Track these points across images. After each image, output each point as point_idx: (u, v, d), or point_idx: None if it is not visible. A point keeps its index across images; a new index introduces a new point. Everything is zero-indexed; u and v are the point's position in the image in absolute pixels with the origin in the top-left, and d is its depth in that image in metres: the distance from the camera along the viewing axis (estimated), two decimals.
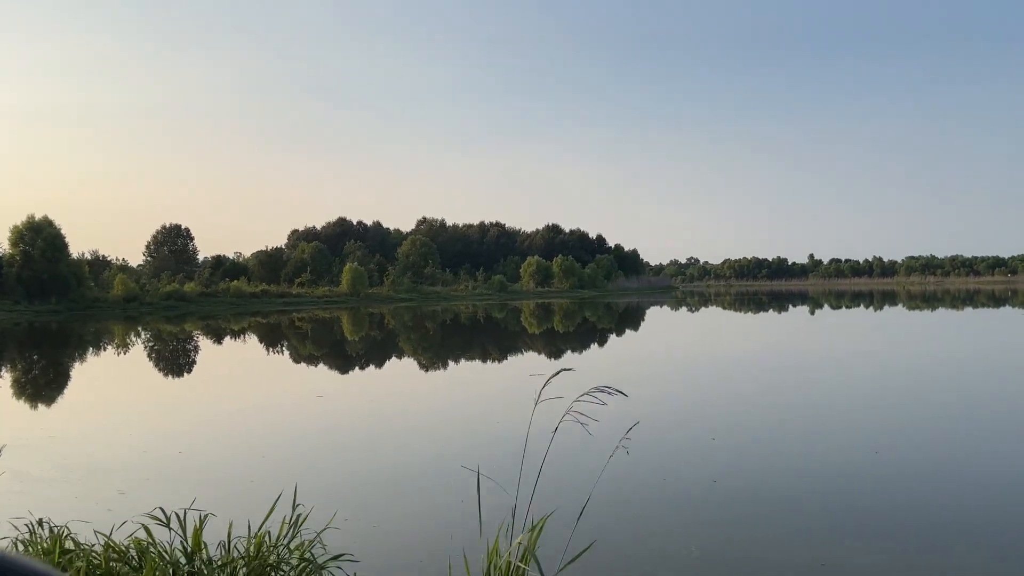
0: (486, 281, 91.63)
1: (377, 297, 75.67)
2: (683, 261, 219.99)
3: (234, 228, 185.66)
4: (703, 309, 56.96)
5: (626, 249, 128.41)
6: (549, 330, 35.04)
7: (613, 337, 31.90)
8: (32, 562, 0.72)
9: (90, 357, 25.49)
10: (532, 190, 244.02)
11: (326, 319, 46.21)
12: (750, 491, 7.46)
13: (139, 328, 40.30)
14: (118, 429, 11.91)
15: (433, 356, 23.97)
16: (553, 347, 26.11)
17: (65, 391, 17.46)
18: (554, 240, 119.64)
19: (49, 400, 15.73)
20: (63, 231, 59.37)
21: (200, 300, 63.96)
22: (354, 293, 74.02)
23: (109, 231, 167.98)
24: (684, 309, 57.48)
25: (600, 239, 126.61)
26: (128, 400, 15.87)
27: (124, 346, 29.68)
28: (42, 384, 18.44)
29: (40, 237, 58.04)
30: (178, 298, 62.93)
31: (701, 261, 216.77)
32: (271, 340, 32.11)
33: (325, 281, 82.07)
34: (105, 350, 28.17)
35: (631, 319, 44.71)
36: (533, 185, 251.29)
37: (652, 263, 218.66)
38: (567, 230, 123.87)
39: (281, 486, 5.21)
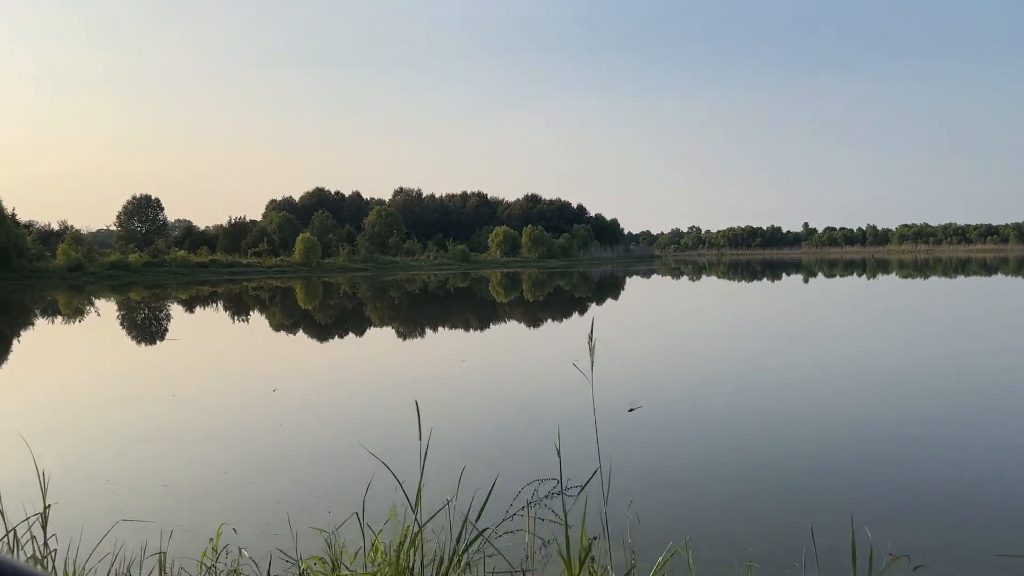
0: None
1: (331, 267, 75.83)
2: (684, 229, 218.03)
3: (216, 199, 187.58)
4: (678, 280, 55.42)
5: (607, 219, 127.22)
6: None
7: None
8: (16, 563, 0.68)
9: None
10: (521, 159, 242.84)
11: (276, 288, 46.50)
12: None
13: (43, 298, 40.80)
14: None
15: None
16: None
17: None
18: (532, 210, 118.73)
19: None
20: (6, 202, 60.82)
21: (144, 270, 64.58)
22: (306, 263, 74.24)
23: (92, 202, 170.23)
24: (638, 278, 56.87)
25: (581, 208, 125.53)
26: None
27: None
28: None
29: None
30: (121, 267, 63.64)
31: (703, 230, 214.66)
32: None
33: (291, 251, 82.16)
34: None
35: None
36: (522, 154, 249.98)
37: (653, 232, 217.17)
38: (547, 199, 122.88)
39: None
